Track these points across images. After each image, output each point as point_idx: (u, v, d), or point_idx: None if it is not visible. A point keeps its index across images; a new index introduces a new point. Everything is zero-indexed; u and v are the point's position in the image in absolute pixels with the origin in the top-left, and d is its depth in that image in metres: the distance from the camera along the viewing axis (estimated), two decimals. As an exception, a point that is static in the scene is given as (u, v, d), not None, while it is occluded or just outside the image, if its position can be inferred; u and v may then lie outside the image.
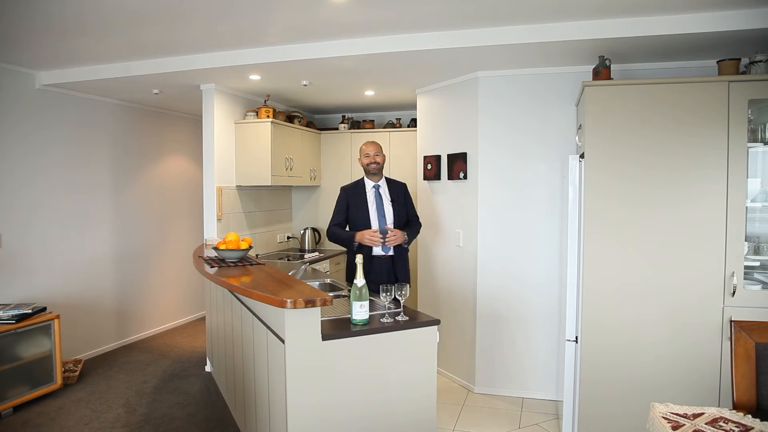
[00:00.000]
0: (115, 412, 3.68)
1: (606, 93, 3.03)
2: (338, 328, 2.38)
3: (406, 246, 3.55)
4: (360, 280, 2.41)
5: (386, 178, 3.67)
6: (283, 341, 2.28)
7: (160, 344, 5.34)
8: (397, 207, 3.57)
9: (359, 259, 2.47)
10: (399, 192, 3.63)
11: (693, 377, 2.94)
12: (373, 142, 3.61)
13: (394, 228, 3.49)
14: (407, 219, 3.65)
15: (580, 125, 3.36)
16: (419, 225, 3.72)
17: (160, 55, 3.87)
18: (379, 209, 3.52)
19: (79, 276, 4.76)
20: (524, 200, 3.94)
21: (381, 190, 3.58)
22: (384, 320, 2.47)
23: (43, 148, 4.38)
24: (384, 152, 3.63)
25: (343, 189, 3.66)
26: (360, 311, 2.41)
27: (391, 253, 3.51)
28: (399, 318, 2.50)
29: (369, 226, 3.48)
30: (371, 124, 5.97)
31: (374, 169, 3.54)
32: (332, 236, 3.59)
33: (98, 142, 4.96)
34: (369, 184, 3.60)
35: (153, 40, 3.48)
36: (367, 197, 3.56)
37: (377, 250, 3.51)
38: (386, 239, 3.39)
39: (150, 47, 3.64)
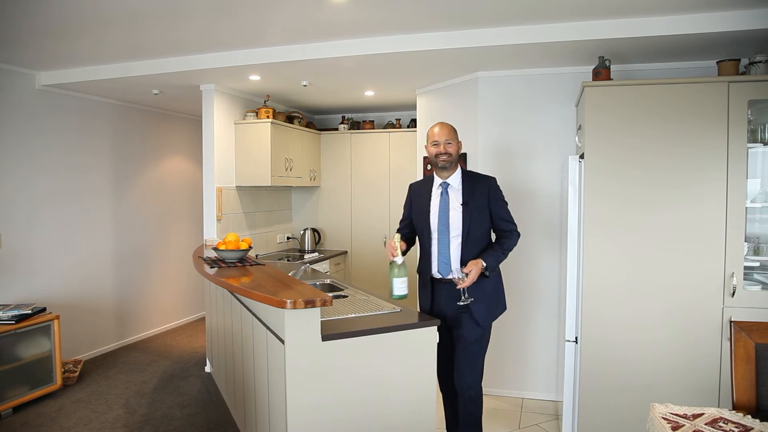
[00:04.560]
0: (115, 413, 3.68)
1: (606, 93, 3.03)
2: (338, 329, 2.37)
3: (487, 274, 2.62)
4: (399, 258, 2.56)
5: (468, 172, 2.76)
6: (282, 342, 2.28)
7: (160, 344, 5.34)
8: (468, 213, 2.61)
9: (398, 237, 2.59)
10: (480, 192, 2.65)
11: (693, 377, 2.94)
12: (444, 125, 2.65)
13: (471, 242, 2.63)
14: (491, 228, 2.72)
15: (580, 126, 3.36)
16: (514, 238, 2.71)
17: (160, 56, 3.87)
18: (442, 217, 2.64)
19: (79, 276, 4.76)
20: (524, 200, 3.93)
21: (450, 190, 2.67)
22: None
23: (43, 148, 4.38)
24: (458, 138, 2.67)
25: (410, 187, 2.91)
26: (401, 287, 2.56)
27: (468, 297, 2.58)
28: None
29: (430, 236, 2.68)
30: (371, 125, 5.97)
31: (444, 162, 2.62)
32: None
33: (98, 142, 4.96)
34: (437, 181, 2.72)
35: (153, 41, 3.48)
36: (432, 199, 2.70)
37: (436, 271, 2.71)
38: (459, 282, 2.53)
39: (150, 47, 3.64)
